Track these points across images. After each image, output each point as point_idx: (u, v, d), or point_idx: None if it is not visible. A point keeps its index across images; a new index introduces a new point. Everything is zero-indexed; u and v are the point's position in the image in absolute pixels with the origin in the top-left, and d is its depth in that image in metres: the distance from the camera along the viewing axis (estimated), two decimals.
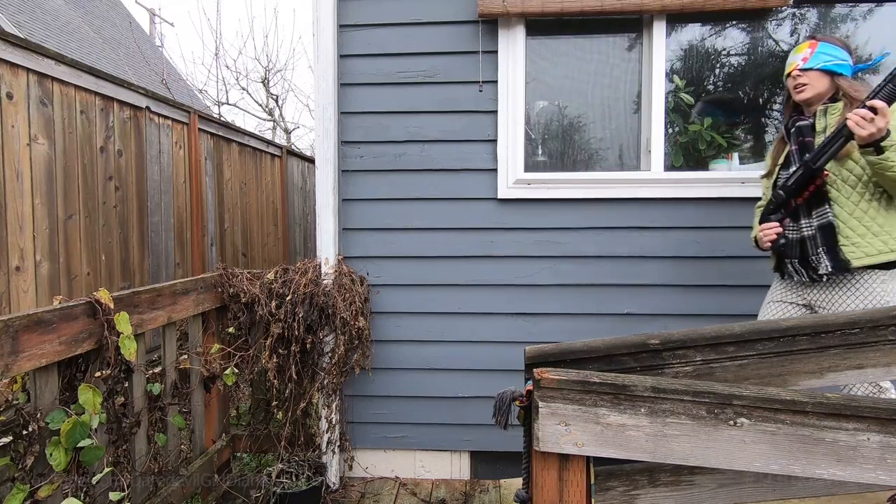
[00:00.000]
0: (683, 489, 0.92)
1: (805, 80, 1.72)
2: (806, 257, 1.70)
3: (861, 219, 1.64)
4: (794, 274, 1.75)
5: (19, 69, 2.29)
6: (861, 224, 1.63)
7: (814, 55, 1.72)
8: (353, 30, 2.32)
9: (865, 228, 1.63)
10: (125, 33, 11.15)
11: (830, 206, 1.65)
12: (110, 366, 1.49)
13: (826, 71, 1.71)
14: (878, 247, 1.62)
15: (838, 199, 1.65)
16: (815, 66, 1.71)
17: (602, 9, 2.16)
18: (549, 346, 0.98)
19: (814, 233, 1.67)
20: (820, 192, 1.66)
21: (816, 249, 1.66)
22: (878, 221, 1.63)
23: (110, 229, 2.91)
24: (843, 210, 1.64)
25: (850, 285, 1.67)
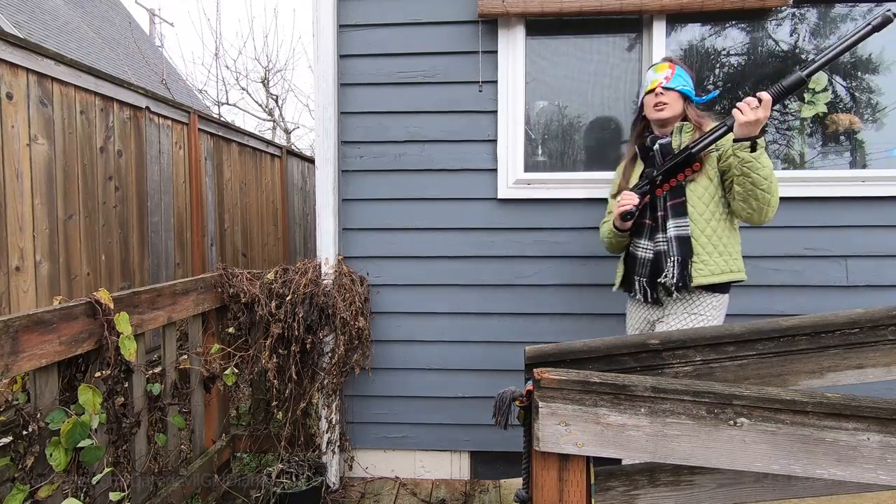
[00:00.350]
0: (683, 489, 0.92)
1: (666, 100, 1.71)
2: (656, 276, 1.68)
3: (710, 237, 1.65)
4: (638, 293, 1.74)
5: (19, 69, 2.29)
6: (710, 242, 1.65)
7: (674, 76, 1.72)
8: (353, 30, 2.32)
9: (713, 247, 1.65)
10: (125, 33, 11.15)
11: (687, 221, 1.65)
12: (110, 366, 1.49)
13: (682, 94, 1.73)
14: (721, 266, 1.65)
15: (692, 215, 1.65)
16: (675, 87, 1.72)
17: (601, 9, 2.16)
18: (549, 346, 0.98)
19: (667, 247, 1.66)
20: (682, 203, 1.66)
21: (669, 261, 1.65)
22: (724, 241, 1.67)
23: (110, 229, 2.91)
24: (695, 226, 1.64)
25: (685, 304, 1.69)
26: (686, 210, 1.65)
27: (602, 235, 1.89)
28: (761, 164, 1.52)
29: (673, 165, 1.65)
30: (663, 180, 1.67)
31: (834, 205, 2.23)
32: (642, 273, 1.72)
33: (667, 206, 1.67)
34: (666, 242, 1.66)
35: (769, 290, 2.27)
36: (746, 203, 1.59)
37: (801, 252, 2.25)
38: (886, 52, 2.29)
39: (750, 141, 1.51)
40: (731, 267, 1.67)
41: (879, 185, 2.20)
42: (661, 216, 1.69)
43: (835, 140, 2.35)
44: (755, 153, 1.52)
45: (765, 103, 1.48)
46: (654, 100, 1.73)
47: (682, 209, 1.65)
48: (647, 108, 1.76)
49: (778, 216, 2.22)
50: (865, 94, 2.33)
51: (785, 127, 2.39)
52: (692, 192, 1.66)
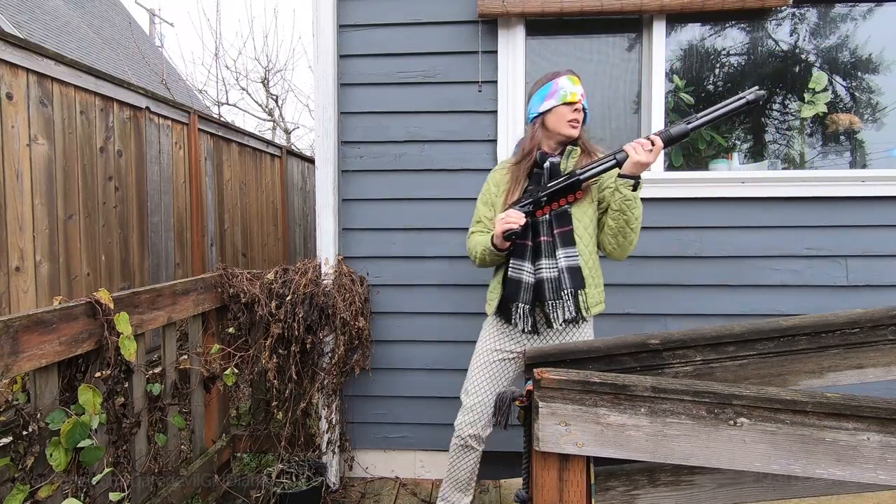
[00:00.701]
0: (683, 489, 0.92)
1: (580, 118, 1.62)
2: (542, 302, 1.56)
3: (592, 268, 1.62)
4: (519, 321, 1.59)
5: (19, 69, 2.29)
6: (591, 273, 1.61)
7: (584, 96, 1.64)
8: (352, 30, 2.32)
9: (592, 278, 1.61)
10: (125, 33, 11.15)
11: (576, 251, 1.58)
12: (110, 366, 1.49)
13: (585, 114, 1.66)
14: (597, 297, 1.62)
15: (579, 245, 1.59)
16: (586, 105, 1.65)
17: (601, 9, 2.16)
18: (549, 346, 0.98)
19: (558, 275, 1.55)
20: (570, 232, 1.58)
21: (561, 292, 1.54)
22: (599, 272, 1.65)
23: (110, 229, 2.91)
24: (581, 257, 1.59)
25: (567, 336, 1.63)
26: (574, 240, 1.58)
27: (471, 248, 1.70)
28: (637, 204, 1.50)
29: (558, 189, 1.55)
30: (547, 202, 1.57)
31: (834, 205, 2.24)
32: (525, 299, 1.58)
33: (554, 233, 1.57)
34: (557, 271, 1.55)
35: (769, 290, 2.27)
36: (615, 239, 1.57)
37: (801, 252, 2.25)
38: (886, 52, 2.29)
39: (634, 179, 1.48)
40: (602, 298, 1.65)
41: (879, 185, 2.20)
42: (546, 241, 1.58)
43: (835, 140, 2.36)
44: (636, 192, 1.49)
45: (656, 148, 1.45)
46: (571, 115, 1.60)
47: (571, 239, 1.57)
48: (557, 120, 1.61)
49: (778, 216, 2.24)
50: (865, 94, 2.34)
51: (785, 127, 2.39)
52: (579, 222, 1.60)
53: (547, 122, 1.63)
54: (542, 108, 1.63)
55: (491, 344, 1.72)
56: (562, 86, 1.61)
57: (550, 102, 1.61)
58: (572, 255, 1.56)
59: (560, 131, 1.62)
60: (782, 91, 2.37)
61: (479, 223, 1.72)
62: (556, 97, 1.61)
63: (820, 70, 2.31)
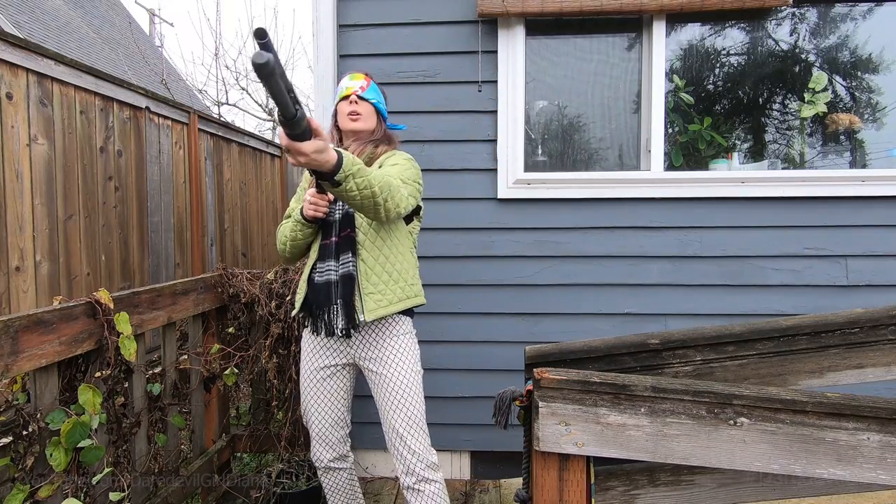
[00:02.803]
0: (683, 489, 0.92)
1: (360, 110, 1.58)
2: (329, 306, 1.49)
3: (384, 264, 1.53)
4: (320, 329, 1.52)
5: (19, 69, 2.29)
6: (384, 270, 1.52)
7: (369, 88, 1.62)
8: (352, 30, 2.32)
9: (388, 275, 1.52)
10: (125, 33, 11.15)
11: (355, 255, 1.50)
12: (110, 366, 1.49)
13: (376, 109, 1.62)
14: (398, 294, 1.53)
15: (364, 244, 1.51)
16: (369, 98, 1.60)
17: (601, 9, 2.16)
18: (549, 346, 0.98)
19: (337, 279, 1.49)
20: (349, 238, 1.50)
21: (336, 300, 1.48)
22: (397, 267, 1.54)
23: (110, 229, 2.91)
24: (369, 255, 1.51)
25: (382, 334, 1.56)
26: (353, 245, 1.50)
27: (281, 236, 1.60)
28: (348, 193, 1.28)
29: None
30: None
31: (834, 205, 2.24)
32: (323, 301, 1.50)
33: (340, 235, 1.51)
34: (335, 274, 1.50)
35: (769, 290, 2.27)
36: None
37: (801, 252, 2.25)
38: (886, 52, 2.29)
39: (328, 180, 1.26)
40: (407, 293, 1.55)
41: (879, 185, 2.20)
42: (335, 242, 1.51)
43: (835, 140, 2.36)
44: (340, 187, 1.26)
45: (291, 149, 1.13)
46: (347, 108, 1.58)
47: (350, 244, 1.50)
48: (340, 116, 1.61)
49: (778, 216, 2.24)
50: (865, 93, 2.34)
51: (785, 127, 2.39)
52: (361, 220, 1.52)
53: (338, 119, 1.64)
54: (332, 110, 1.67)
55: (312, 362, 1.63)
56: (341, 85, 1.64)
57: (335, 102, 1.66)
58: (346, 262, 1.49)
59: (343, 126, 1.61)
60: (782, 91, 2.37)
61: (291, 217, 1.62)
62: (337, 95, 1.65)
63: (820, 70, 2.31)
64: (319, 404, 1.63)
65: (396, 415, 1.55)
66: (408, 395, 1.56)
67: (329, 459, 1.67)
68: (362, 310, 1.48)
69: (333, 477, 1.71)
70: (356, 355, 1.59)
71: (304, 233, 1.54)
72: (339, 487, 1.72)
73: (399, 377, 1.55)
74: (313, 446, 1.67)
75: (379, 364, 1.55)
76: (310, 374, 1.62)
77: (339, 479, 1.72)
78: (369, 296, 1.49)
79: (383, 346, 1.56)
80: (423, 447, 1.57)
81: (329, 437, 1.65)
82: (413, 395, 1.57)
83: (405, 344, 1.58)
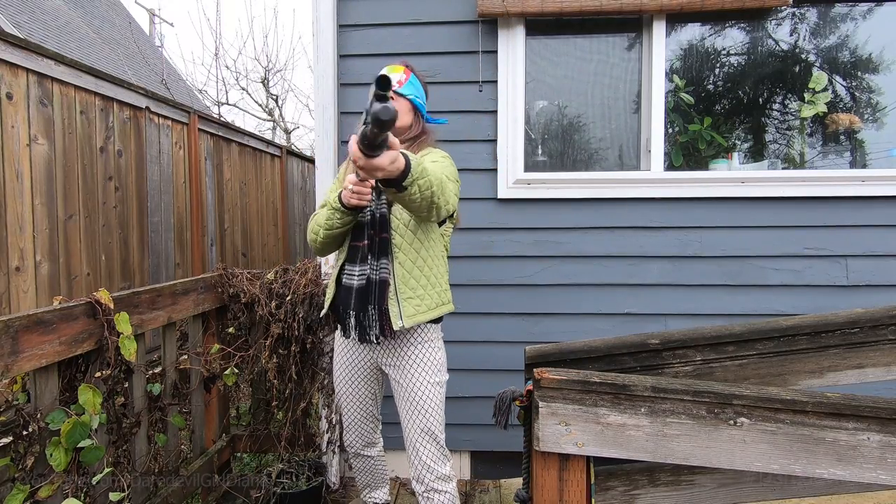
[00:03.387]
0: (683, 489, 0.92)
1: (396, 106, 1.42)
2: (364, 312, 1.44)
3: (422, 268, 1.48)
4: (350, 331, 1.46)
5: (19, 69, 2.29)
6: (422, 274, 1.47)
7: (407, 83, 1.53)
8: (352, 30, 2.32)
9: (426, 279, 1.48)
10: (125, 33, 11.15)
11: (391, 259, 1.44)
12: (110, 366, 1.49)
13: (414, 105, 1.54)
14: (435, 299, 1.49)
15: (402, 246, 1.45)
16: (406, 94, 1.52)
17: (601, 9, 2.16)
18: (549, 346, 0.98)
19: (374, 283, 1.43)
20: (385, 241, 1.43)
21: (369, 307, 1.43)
22: (434, 271, 1.50)
23: (110, 229, 2.91)
24: (406, 258, 1.45)
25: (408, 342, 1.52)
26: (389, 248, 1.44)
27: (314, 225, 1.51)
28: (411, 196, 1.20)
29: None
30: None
31: (834, 204, 2.24)
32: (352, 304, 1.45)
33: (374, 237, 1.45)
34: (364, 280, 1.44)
35: (769, 290, 2.27)
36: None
37: (801, 252, 2.25)
38: (886, 52, 2.29)
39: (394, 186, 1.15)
40: (443, 299, 1.52)
41: (879, 185, 2.20)
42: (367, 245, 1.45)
43: (835, 140, 2.36)
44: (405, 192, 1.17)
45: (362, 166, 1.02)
46: None
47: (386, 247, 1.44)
48: None
49: (778, 216, 2.25)
50: (865, 93, 2.34)
51: (785, 127, 2.39)
52: (399, 220, 1.45)
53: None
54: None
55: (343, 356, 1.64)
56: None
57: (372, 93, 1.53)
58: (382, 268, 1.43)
59: None
60: (782, 91, 2.37)
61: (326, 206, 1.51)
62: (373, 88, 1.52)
63: (820, 70, 2.31)
64: (350, 399, 1.68)
65: (412, 424, 1.55)
66: (425, 406, 1.54)
67: (359, 447, 1.74)
68: (400, 315, 1.43)
69: (362, 462, 1.78)
70: (380, 360, 1.58)
71: (342, 220, 1.42)
72: (367, 469, 1.80)
73: (419, 387, 1.53)
74: (345, 433, 1.75)
75: (400, 372, 1.54)
76: (341, 370, 1.66)
77: (367, 464, 1.79)
78: (408, 301, 1.44)
79: (407, 354, 1.53)
80: (434, 459, 1.57)
81: (359, 428, 1.72)
82: (431, 407, 1.55)
83: (430, 353, 1.55)
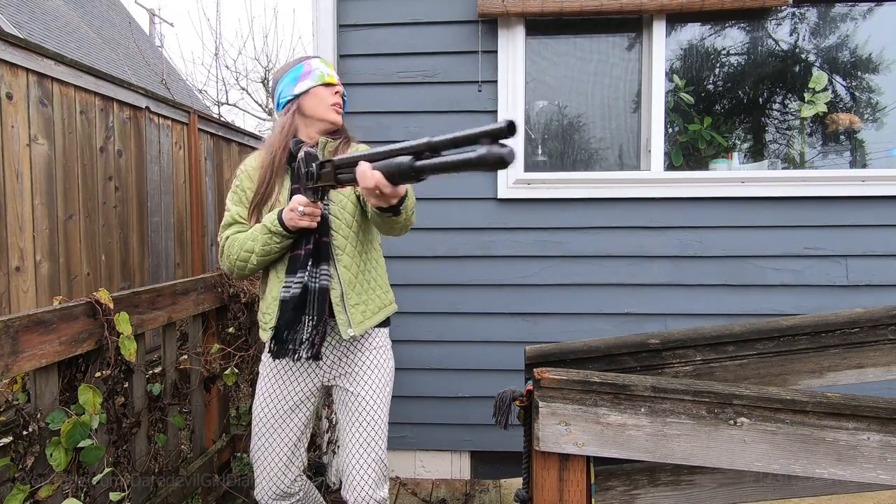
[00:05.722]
0: (683, 489, 0.92)
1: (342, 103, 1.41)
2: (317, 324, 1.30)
3: (364, 271, 1.39)
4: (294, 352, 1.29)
5: (19, 69, 2.29)
6: (365, 278, 1.39)
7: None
8: (352, 30, 2.32)
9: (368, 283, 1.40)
10: (125, 33, 11.15)
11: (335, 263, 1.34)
12: (110, 366, 1.49)
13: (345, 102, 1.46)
14: (379, 301, 1.42)
15: (346, 249, 1.35)
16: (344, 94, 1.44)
17: (601, 9, 2.16)
18: (549, 346, 0.98)
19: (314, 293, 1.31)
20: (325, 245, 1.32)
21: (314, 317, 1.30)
22: (375, 273, 1.43)
23: (110, 229, 2.91)
24: (352, 262, 1.36)
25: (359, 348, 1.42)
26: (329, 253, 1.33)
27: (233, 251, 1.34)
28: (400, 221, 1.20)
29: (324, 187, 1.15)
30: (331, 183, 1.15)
31: (834, 204, 2.24)
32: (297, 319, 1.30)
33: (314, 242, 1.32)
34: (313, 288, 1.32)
35: (769, 290, 2.27)
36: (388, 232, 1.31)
37: (801, 252, 2.25)
38: (886, 52, 2.29)
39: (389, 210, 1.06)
40: (386, 301, 1.45)
41: (879, 185, 2.20)
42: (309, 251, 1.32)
43: (835, 140, 2.36)
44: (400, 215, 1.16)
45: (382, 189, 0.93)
46: (333, 97, 1.38)
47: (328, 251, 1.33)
48: (318, 104, 1.37)
49: (778, 216, 2.24)
50: (865, 93, 2.34)
51: (785, 126, 2.39)
52: (341, 221, 1.34)
53: (304, 106, 1.37)
54: (296, 89, 1.36)
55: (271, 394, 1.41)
56: (315, 66, 1.39)
57: (306, 83, 1.37)
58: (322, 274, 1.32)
59: (323, 116, 1.38)
60: (782, 91, 2.37)
61: (236, 224, 1.39)
62: (312, 77, 1.37)
63: (820, 70, 2.31)
64: (276, 441, 1.41)
65: (356, 439, 1.38)
66: (375, 419, 1.39)
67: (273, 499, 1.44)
68: (349, 323, 1.32)
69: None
70: (327, 375, 1.42)
71: (282, 244, 1.30)
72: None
73: (371, 398, 1.40)
74: (259, 483, 1.43)
75: (352, 381, 1.41)
76: (270, 410, 1.40)
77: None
78: (355, 307, 1.34)
79: (359, 362, 1.42)
80: (377, 482, 1.38)
81: (280, 478, 1.42)
82: (379, 421, 1.40)
83: (382, 359, 1.44)
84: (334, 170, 1.05)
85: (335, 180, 1.05)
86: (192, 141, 3.77)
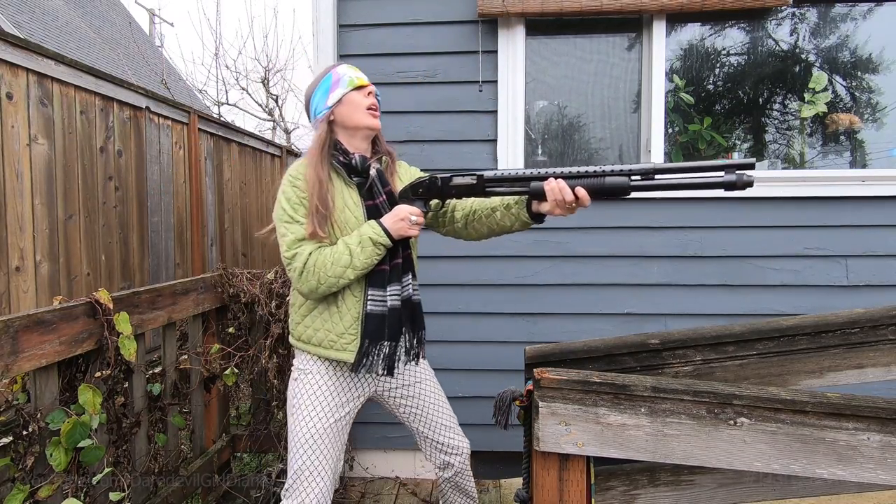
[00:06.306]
0: (683, 489, 0.92)
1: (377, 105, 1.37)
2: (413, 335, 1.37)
3: None
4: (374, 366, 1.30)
5: (19, 69, 2.29)
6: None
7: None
8: (352, 30, 2.32)
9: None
10: (125, 33, 11.15)
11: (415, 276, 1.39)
12: (110, 366, 1.49)
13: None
14: None
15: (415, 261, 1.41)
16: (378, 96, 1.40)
17: (601, 9, 2.16)
18: (549, 346, 0.99)
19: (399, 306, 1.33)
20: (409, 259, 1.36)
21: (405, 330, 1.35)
22: None
23: (110, 229, 2.91)
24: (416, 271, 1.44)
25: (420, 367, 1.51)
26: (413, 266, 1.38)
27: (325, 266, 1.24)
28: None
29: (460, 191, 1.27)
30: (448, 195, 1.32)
31: (834, 205, 2.23)
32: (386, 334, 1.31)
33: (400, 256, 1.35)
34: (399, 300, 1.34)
35: (769, 290, 2.27)
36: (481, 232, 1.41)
37: (801, 252, 2.25)
38: (886, 52, 2.29)
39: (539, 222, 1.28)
40: None
41: (879, 185, 2.20)
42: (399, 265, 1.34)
43: (835, 140, 2.36)
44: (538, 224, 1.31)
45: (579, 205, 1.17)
46: (368, 99, 1.34)
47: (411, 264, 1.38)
48: (354, 110, 1.32)
49: (778, 216, 2.24)
50: (865, 93, 2.34)
51: (785, 127, 2.39)
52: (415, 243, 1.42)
53: (341, 115, 1.33)
54: (330, 100, 1.32)
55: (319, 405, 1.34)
56: (343, 72, 1.34)
57: (338, 92, 1.32)
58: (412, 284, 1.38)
59: (360, 123, 1.33)
60: (782, 91, 2.37)
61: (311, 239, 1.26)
62: (342, 84, 1.32)
63: (820, 70, 2.31)
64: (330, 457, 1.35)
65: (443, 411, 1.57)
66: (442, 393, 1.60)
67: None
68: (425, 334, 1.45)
69: None
70: (382, 383, 1.45)
71: (381, 256, 1.28)
72: None
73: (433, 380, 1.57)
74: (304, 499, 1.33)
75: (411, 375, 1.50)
76: (327, 426, 1.33)
77: None
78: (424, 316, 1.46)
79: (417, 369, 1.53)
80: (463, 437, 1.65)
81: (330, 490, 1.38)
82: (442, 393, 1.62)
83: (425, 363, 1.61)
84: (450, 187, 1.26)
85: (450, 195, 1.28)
86: (192, 141, 3.77)
